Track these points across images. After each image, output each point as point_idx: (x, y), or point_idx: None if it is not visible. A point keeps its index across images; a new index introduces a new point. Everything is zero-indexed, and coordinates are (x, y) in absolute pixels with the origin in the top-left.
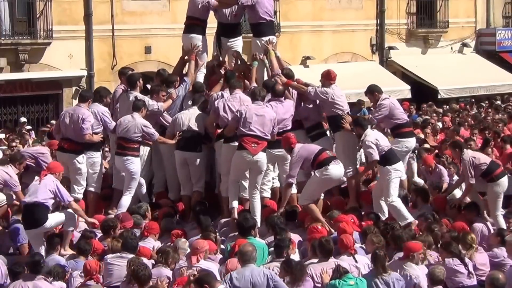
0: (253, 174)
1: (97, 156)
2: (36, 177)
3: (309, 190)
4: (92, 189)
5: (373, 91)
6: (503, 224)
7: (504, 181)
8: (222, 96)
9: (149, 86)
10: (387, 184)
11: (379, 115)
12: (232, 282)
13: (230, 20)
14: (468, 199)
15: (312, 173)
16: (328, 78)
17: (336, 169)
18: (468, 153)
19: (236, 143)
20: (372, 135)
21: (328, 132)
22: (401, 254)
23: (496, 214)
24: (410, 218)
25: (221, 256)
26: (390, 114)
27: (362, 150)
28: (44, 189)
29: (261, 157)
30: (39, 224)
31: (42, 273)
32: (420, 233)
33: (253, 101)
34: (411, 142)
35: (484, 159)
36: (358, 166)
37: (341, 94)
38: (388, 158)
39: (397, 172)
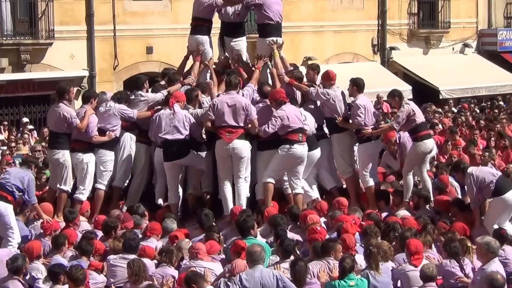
0: (234, 161)
1: (109, 154)
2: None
3: None
4: (101, 186)
5: (353, 85)
6: (410, 186)
7: (427, 143)
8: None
9: None
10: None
11: (362, 119)
12: (242, 283)
13: (233, 19)
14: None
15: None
16: (327, 78)
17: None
18: (410, 105)
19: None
20: (304, 112)
21: None
22: (404, 255)
23: (407, 173)
24: (315, 195)
25: (224, 256)
26: (355, 113)
27: (356, 151)
28: (182, 124)
29: (238, 144)
30: (182, 156)
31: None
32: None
33: (227, 90)
34: (376, 146)
35: (419, 117)
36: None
37: (342, 97)
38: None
39: (308, 158)
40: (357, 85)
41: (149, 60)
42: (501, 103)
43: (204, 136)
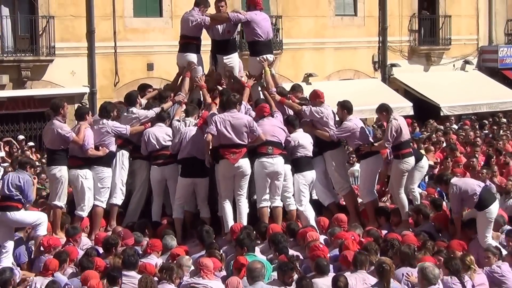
0: (237, 179)
1: (106, 171)
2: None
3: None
4: (99, 203)
5: (342, 108)
6: (405, 203)
7: (408, 161)
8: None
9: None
10: (297, 192)
11: (339, 134)
12: None
13: (223, 37)
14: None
15: None
16: (316, 97)
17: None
18: (398, 120)
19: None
20: (299, 135)
21: None
22: (405, 269)
23: (398, 191)
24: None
25: (225, 273)
26: (352, 135)
27: (358, 167)
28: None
29: (242, 162)
30: (205, 175)
31: None
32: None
33: (227, 109)
34: (377, 161)
35: (406, 134)
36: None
37: (333, 115)
38: (298, 164)
39: (304, 179)
40: (346, 108)
41: (150, 77)
42: (504, 120)
43: None
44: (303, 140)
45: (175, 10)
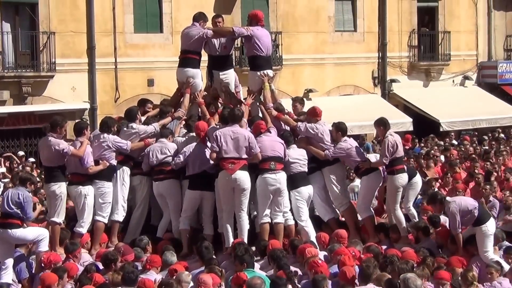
0: (237, 193)
1: (107, 186)
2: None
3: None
4: (101, 218)
5: (337, 130)
6: (402, 219)
7: (403, 177)
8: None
9: None
10: (295, 208)
11: (334, 154)
12: None
13: (220, 53)
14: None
15: None
16: (314, 114)
17: None
18: (394, 136)
19: None
20: (292, 151)
21: None
22: None
23: (394, 207)
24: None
25: None
26: (347, 155)
27: (359, 183)
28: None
29: (240, 175)
30: (213, 189)
31: None
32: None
33: (230, 123)
34: (377, 178)
35: (400, 151)
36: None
37: (328, 132)
38: (292, 180)
39: (300, 195)
40: (341, 130)
41: (150, 93)
42: (502, 135)
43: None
44: (297, 155)
45: (175, 26)
